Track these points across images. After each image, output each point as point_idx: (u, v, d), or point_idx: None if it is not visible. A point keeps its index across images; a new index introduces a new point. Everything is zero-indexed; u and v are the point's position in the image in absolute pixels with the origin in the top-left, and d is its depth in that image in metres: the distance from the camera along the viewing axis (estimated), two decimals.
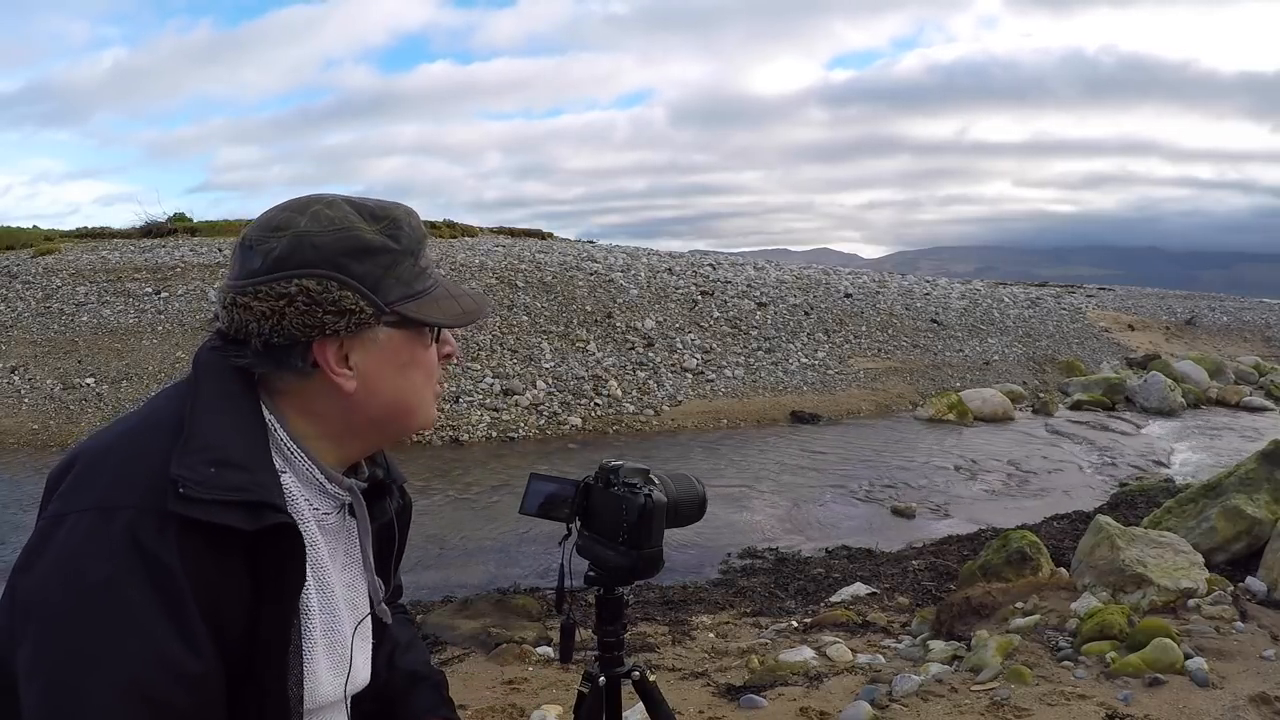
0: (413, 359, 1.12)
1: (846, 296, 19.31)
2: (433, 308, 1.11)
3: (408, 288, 1.09)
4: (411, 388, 1.13)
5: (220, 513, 0.95)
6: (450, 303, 1.14)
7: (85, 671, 0.89)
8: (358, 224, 1.07)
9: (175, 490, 0.94)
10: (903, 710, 3.61)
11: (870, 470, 10.13)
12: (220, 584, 0.96)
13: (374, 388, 1.09)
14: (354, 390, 1.08)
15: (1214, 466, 9.19)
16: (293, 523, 1.00)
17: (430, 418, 1.18)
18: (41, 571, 0.94)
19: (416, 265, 1.11)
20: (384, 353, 1.09)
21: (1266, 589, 4.54)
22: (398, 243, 1.09)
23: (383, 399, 1.11)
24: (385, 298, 1.07)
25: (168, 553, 0.93)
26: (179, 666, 0.91)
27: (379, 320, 1.07)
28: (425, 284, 1.12)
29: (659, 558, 1.42)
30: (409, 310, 1.09)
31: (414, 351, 1.12)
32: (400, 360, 1.11)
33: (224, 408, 1.04)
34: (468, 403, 12.04)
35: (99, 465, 1.00)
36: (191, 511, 0.94)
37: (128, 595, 0.91)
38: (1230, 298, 31.02)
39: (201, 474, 0.96)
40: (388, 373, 1.10)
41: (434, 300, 1.12)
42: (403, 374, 1.11)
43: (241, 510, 0.97)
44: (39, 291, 15.27)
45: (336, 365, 1.07)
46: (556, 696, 4.05)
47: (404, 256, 1.09)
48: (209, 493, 0.95)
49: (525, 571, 6.62)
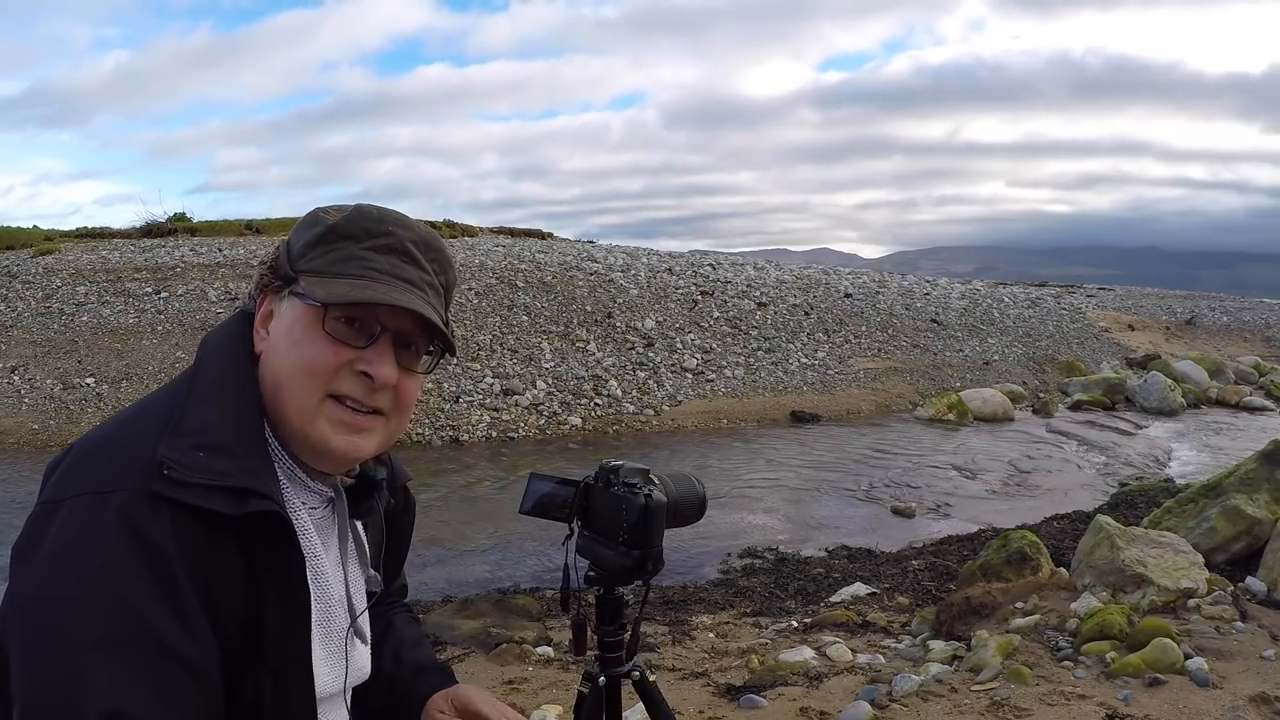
0: (302, 338, 1.06)
1: (846, 296, 19.31)
2: (325, 286, 1.06)
3: (328, 265, 1.08)
4: (288, 368, 1.06)
5: (204, 496, 0.95)
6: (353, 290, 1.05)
7: (81, 657, 0.89)
8: (329, 207, 1.12)
9: (160, 472, 0.95)
10: (903, 710, 3.61)
11: (870, 470, 10.13)
12: (214, 566, 0.96)
13: (271, 354, 1.09)
14: (262, 353, 1.10)
15: (1214, 466, 9.19)
16: (276, 508, 1.00)
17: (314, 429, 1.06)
18: (39, 558, 0.94)
19: (353, 251, 1.08)
20: (282, 321, 1.09)
21: (1266, 589, 4.54)
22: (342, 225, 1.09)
23: (271, 371, 1.08)
24: (297, 265, 1.09)
25: (161, 535, 0.93)
26: (174, 648, 0.92)
27: (287, 284, 1.09)
28: (350, 269, 1.07)
29: (659, 558, 1.42)
30: (306, 282, 1.07)
31: (306, 331, 1.06)
32: (292, 335, 1.07)
33: (220, 394, 1.05)
34: (468, 403, 12.03)
35: (95, 452, 1.00)
36: (176, 494, 0.94)
37: (123, 578, 0.91)
38: (1230, 298, 31.00)
39: (189, 457, 0.97)
40: (281, 344, 1.08)
41: (340, 281, 1.06)
42: (291, 349, 1.07)
43: (224, 495, 0.97)
44: (39, 291, 15.27)
45: (260, 323, 1.11)
46: (556, 696, 4.05)
47: (338, 237, 1.09)
48: (194, 476, 0.96)
49: (525, 571, 6.63)
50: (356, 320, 1.07)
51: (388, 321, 1.07)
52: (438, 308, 1.11)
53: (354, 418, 1.07)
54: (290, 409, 1.06)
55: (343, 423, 1.07)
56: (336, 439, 1.07)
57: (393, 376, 1.08)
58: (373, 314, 1.07)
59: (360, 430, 1.08)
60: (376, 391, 1.08)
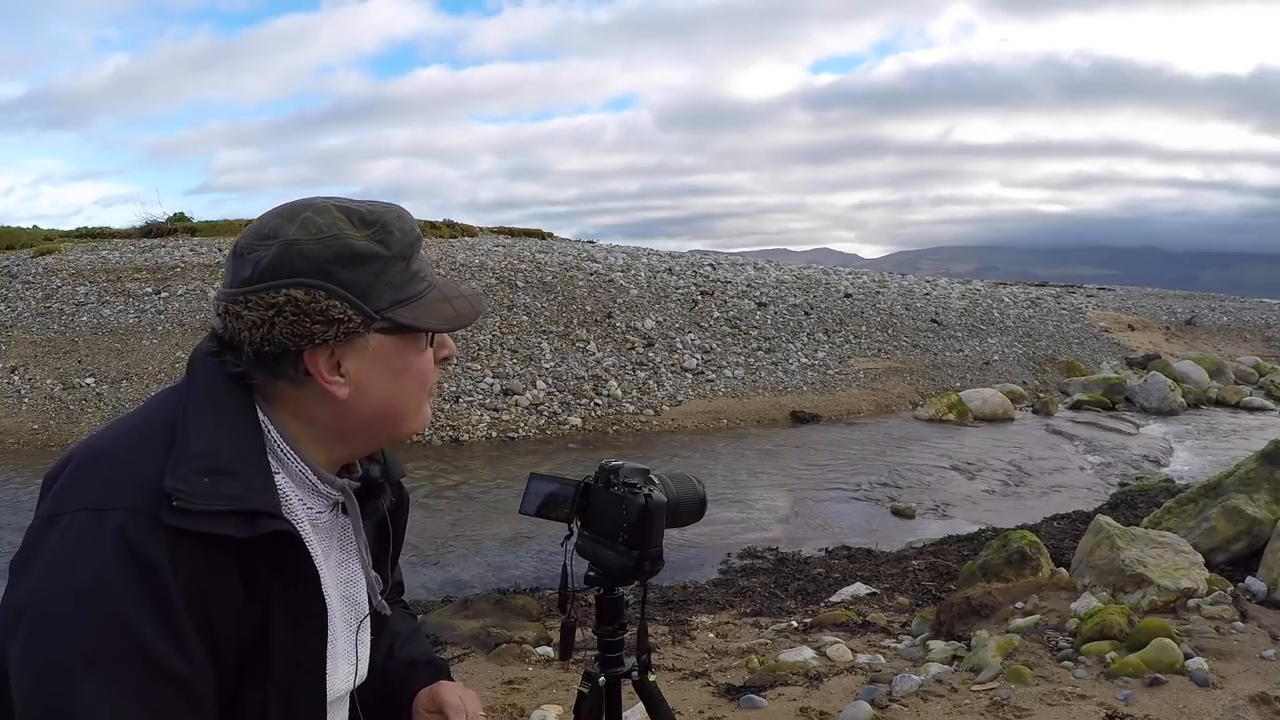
0: (406, 365, 1.10)
1: (846, 296, 19.31)
2: (425, 312, 1.10)
3: (398, 293, 1.08)
4: (404, 393, 1.11)
5: (216, 523, 0.95)
6: (444, 305, 1.12)
7: (73, 671, 0.89)
8: (347, 230, 1.05)
9: (169, 504, 0.94)
10: (903, 710, 3.61)
11: (870, 470, 10.13)
12: (211, 585, 0.96)
13: (366, 394, 1.08)
14: (346, 397, 1.07)
15: (1214, 466, 9.19)
16: (289, 529, 1.01)
17: (423, 422, 1.17)
18: (35, 571, 0.94)
19: (408, 269, 1.09)
20: (376, 359, 1.08)
21: (1266, 589, 4.54)
22: (388, 248, 1.07)
23: (375, 405, 1.09)
24: (375, 305, 1.06)
25: (158, 553, 0.93)
26: (167, 667, 0.92)
27: (369, 328, 1.06)
28: (418, 288, 1.10)
29: (659, 558, 1.42)
30: (400, 316, 1.07)
31: (407, 357, 1.10)
32: (393, 366, 1.09)
33: (216, 411, 1.04)
34: (468, 403, 12.04)
35: (93, 467, 1.00)
36: (187, 524, 0.94)
37: (118, 596, 0.91)
38: (1230, 298, 30.99)
39: (195, 484, 0.96)
40: (380, 379, 1.08)
41: (427, 304, 1.10)
42: (396, 380, 1.09)
43: (236, 519, 0.97)
44: (39, 291, 15.27)
45: (328, 374, 1.06)
46: (556, 696, 4.05)
47: (394, 262, 1.07)
48: (203, 503, 0.95)
49: (525, 571, 6.63)
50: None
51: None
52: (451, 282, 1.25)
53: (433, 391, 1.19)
54: (410, 422, 1.15)
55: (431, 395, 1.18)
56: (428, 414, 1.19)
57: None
58: None
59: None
60: None
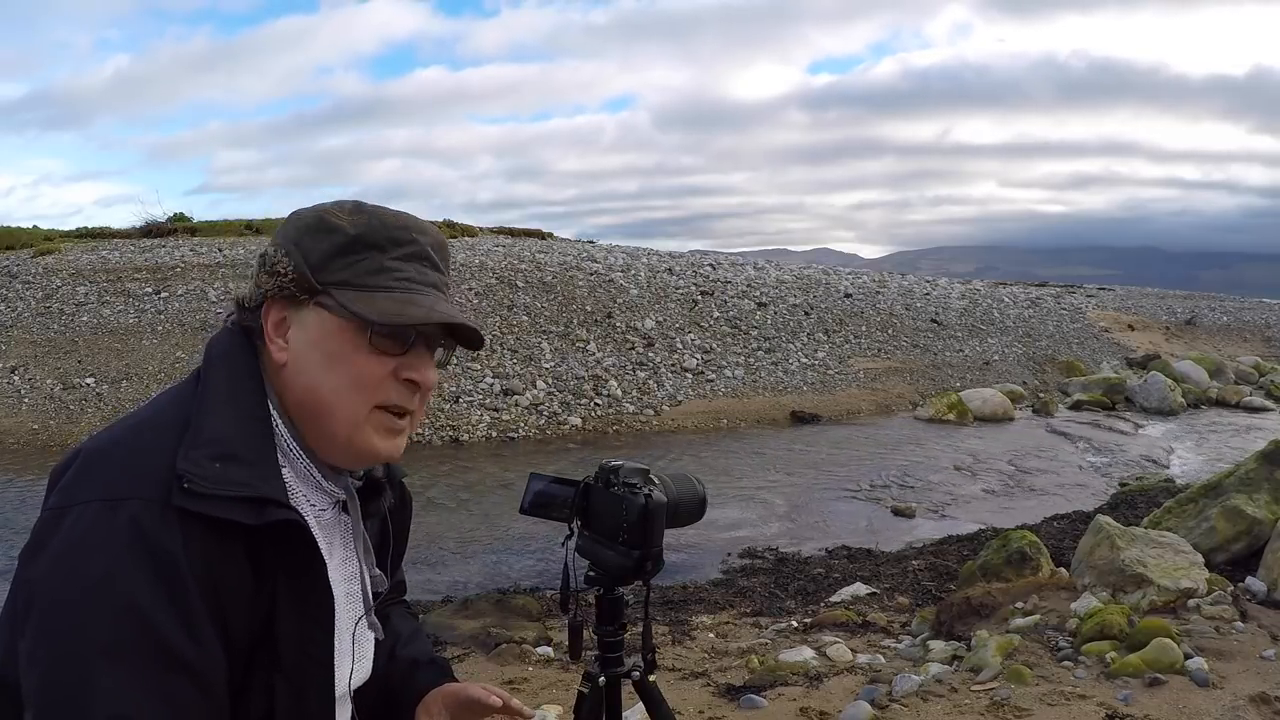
0: (341, 355, 1.06)
1: (846, 296, 19.31)
2: (366, 302, 1.06)
3: (358, 278, 1.07)
4: (332, 385, 1.07)
5: (225, 508, 0.96)
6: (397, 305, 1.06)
7: (88, 661, 0.89)
8: (335, 211, 1.10)
9: (180, 485, 0.95)
10: (903, 710, 3.61)
11: (870, 470, 10.13)
12: (223, 574, 0.97)
13: (300, 371, 1.08)
14: (284, 364, 1.09)
15: (1214, 466, 9.19)
16: (297, 518, 1.01)
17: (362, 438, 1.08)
18: (45, 563, 0.94)
19: (382, 262, 1.08)
20: (311, 334, 1.08)
21: (1266, 589, 4.54)
22: (356, 229, 1.08)
23: (305, 386, 1.08)
24: (321, 277, 1.07)
25: (173, 542, 0.93)
26: (181, 656, 0.92)
27: (311, 296, 1.07)
28: (383, 281, 1.07)
29: (659, 558, 1.42)
30: (340, 295, 1.06)
31: (345, 347, 1.06)
32: (328, 349, 1.07)
33: (231, 403, 1.05)
34: (468, 403, 12.04)
35: (104, 459, 1.00)
36: (196, 506, 0.95)
37: (132, 585, 0.91)
38: (1230, 298, 30.99)
39: (206, 469, 0.97)
40: (314, 358, 1.07)
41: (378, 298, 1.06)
42: (328, 365, 1.07)
43: (245, 505, 0.97)
44: (39, 291, 15.26)
45: (274, 331, 1.09)
46: (556, 696, 4.05)
47: (363, 247, 1.08)
48: (214, 488, 0.96)
49: (525, 571, 6.63)
50: (396, 331, 1.08)
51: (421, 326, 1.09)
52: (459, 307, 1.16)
53: (395, 422, 1.11)
54: (338, 421, 1.08)
55: (387, 429, 1.10)
56: (384, 444, 1.10)
57: (434, 379, 1.13)
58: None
59: (400, 432, 1.12)
60: (415, 395, 1.11)
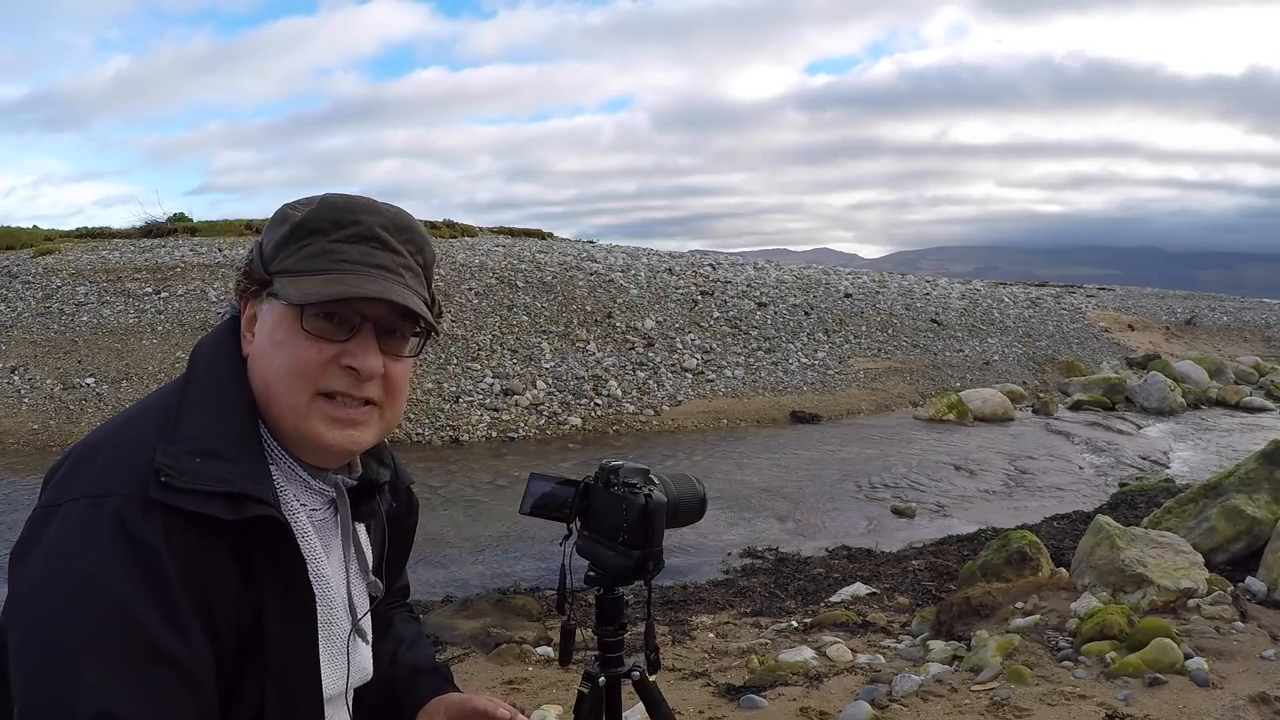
0: (284, 339, 1.06)
1: (846, 296, 19.31)
2: (296, 285, 1.05)
3: (298, 263, 1.07)
4: (274, 370, 1.06)
5: (202, 502, 0.96)
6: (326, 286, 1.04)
7: (74, 657, 0.89)
8: (299, 203, 1.11)
9: (157, 479, 0.95)
10: (903, 710, 3.61)
11: (870, 470, 10.13)
12: (208, 571, 0.96)
13: (256, 358, 1.09)
14: (247, 355, 1.10)
15: (1214, 466, 9.19)
16: (274, 514, 1.00)
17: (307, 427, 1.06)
18: (34, 561, 0.95)
19: (323, 245, 1.07)
20: (265, 324, 1.08)
21: (1266, 589, 4.54)
22: (300, 216, 1.08)
23: (259, 373, 1.08)
24: (271, 267, 1.08)
25: (155, 538, 0.93)
26: (166, 652, 0.92)
27: (264, 288, 1.08)
28: (319, 264, 1.06)
29: (659, 558, 1.42)
30: (278, 282, 1.07)
31: (284, 332, 1.06)
32: (276, 337, 1.07)
33: (214, 399, 1.05)
34: (468, 403, 12.03)
35: (92, 456, 1.01)
36: (173, 500, 0.95)
37: (116, 582, 0.92)
38: (1230, 298, 30.98)
39: (185, 464, 0.97)
40: (265, 347, 1.08)
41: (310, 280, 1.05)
42: (274, 352, 1.07)
43: (223, 500, 0.97)
44: (39, 291, 15.26)
45: (245, 327, 1.11)
46: (556, 696, 4.05)
47: (307, 233, 1.07)
48: (191, 482, 0.96)
49: (525, 571, 6.62)
50: (335, 315, 1.06)
51: (367, 311, 1.07)
52: (417, 288, 1.10)
53: (346, 411, 1.07)
54: (283, 409, 1.06)
55: (335, 419, 1.07)
56: (331, 434, 1.07)
57: (378, 366, 1.08)
58: (351, 306, 1.06)
59: (355, 423, 1.09)
60: (365, 383, 1.08)
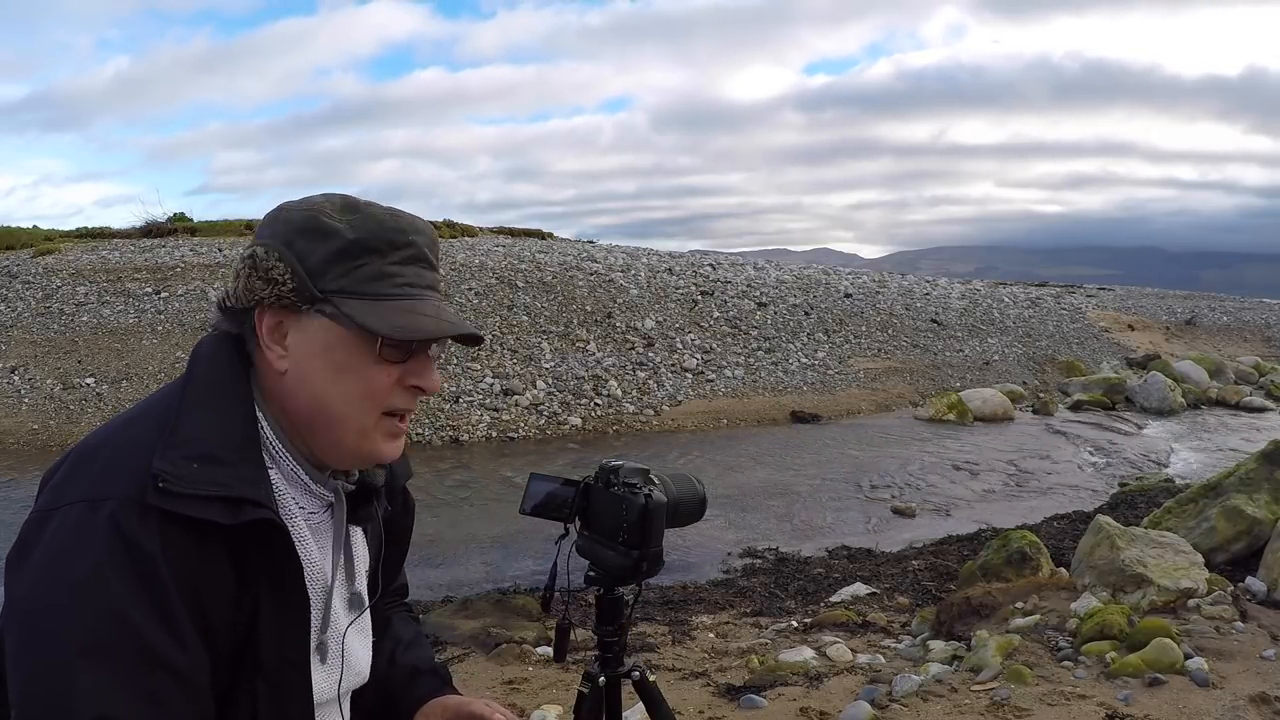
0: (350, 365, 1.05)
1: (846, 296, 19.31)
2: (375, 313, 1.04)
3: (358, 285, 1.05)
4: (340, 394, 1.06)
5: (200, 507, 0.95)
6: (403, 315, 1.05)
7: (70, 661, 0.89)
8: (327, 210, 1.07)
9: (155, 484, 0.95)
10: (903, 710, 3.61)
11: (870, 470, 10.13)
12: (204, 574, 0.96)
13: (303, 377, 1.06)
14: (285, 371, 1.07)
15: (1214, 466, 9.19)
16: (273, 517, 1.00)
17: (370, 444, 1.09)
18: (31, 565, 0.95)
19: (381, 267, 1.06)
20: (314, 343, 1.06)
21: (1266, 589, 4.54)
22: (354, 232, 1.05)
23: (309, 393, 1.06)
24: (321, 284, 1.04)
25: (150, 542, 0.93)
26: (162, 656, 0.92)
27: (311, 304, 1.05)
28: (384, 289, 1.05)
29: (659, 558, 1.42)
30: (345, 305, 1.04)
31: (354, 357, 1.05)
32: (335, 359, 1.05)
33: (213, 401, 1.04)
34: (468, 403, 12.03)
35: (89, 459, 1.00)
36: (171, 505, 0.94)
37: (112, 586, 0.91)
38: (1230, 298, 30.98)
39: (182, 469, 0.97)
40: (317, 367, 1.06)
41: (383, 307, 1.05)
42: (335, 375, 1.05)
43: (221, 505, 0.97)
44: (39, 291, 15.26)
45: (270, 338, 1.06)
46: (556, 696, 4.05)
47: (362, 252, 1.05)
48: (189, 487, 0.96)
49: (525, 571, 6.62)
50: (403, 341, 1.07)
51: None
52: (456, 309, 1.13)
53: (399, 426, 1.12)
54: (348, 430, 1.08)
55: (391, 433, 1.11)
56: (388, 447, 1.12)
57: (439, 383, 1.14)
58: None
59: (401, 435, 1.14)
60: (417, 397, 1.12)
